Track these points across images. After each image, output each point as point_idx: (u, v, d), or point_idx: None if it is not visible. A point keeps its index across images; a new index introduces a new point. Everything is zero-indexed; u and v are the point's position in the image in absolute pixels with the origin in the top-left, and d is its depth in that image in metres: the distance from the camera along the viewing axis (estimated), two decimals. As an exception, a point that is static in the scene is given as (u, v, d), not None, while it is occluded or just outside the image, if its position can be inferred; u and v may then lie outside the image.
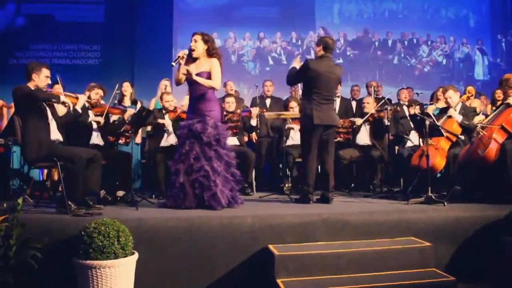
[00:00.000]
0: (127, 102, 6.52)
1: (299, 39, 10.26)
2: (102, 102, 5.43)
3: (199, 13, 9.91)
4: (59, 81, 4.79)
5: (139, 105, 6.42)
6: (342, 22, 10.47)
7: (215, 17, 9.99)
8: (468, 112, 5.54)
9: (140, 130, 6.10)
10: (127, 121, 5.35)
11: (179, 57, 4.55)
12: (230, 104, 6.26)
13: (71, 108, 4.56)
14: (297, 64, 5.14)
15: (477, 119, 5.49)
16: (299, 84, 5.94)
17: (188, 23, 9.84)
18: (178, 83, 4.71)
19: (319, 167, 5.27)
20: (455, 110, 5.45)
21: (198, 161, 4.49)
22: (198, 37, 4.67)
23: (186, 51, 4.61)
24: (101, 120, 5.22)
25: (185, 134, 4.57)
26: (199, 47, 4.66)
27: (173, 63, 4.54)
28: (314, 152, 4.95)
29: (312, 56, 8.11)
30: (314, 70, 4.87)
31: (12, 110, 6.24)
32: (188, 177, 4.49)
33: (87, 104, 5.13)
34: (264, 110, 6.59)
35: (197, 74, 4.61)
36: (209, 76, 4.64)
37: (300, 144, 5.35)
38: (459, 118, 5.37)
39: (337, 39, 10.32)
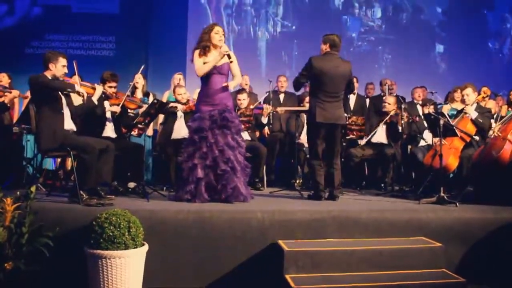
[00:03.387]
0: (139, 94, 6.50)
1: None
2: (118, 93, 5.42)
3: (214, 6, 9.90)
4: (75, 67, 4.78)
5: (151, 98, 6.43)
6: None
7: (229, 11, 9.99)
8: (483, 113, 5.47)
9: (152, 123, 6.10)
10: (140, 114, 5.37)
11: (227, 51, 4.57)
12: (242, 102, 6.24)
13: (85, 98, 4.56)
14: None
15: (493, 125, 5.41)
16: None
17: (203, 17, 9.86)
18: (201, 74, 4.66)
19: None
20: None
21: (223, 153, 4.49)
22: (222, 31, 4.70)
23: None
24: (118, 109, 5.21)
25: (208, 125, 4.52)
26: (223, 40, 4.71)
27: (230, 59, 4.59)
28: (320, 151, 4.94)
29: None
30: (318, 68, 4.83)
31: (26, 100, 6.30)
32: (209, 170, 4.48)
33: (103, 95, 5.14)
34: (277, 110, 6.54)
35: (220, 66, 4.63)
36: (229, 67, 4.68)
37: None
38: (474, 114, 5.32)
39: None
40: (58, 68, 4.37)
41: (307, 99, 6.47)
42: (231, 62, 4.62)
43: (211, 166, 4.50)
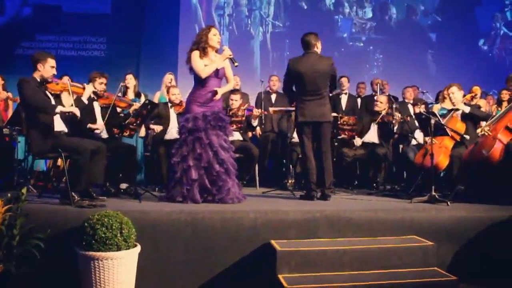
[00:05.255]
0: (130, 94, 6.49)
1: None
2: (107, 93, 5.39)
3: (205, 7, 9.91)
4: (68, 83, 4.77)
5: (142, 98, 6.42)
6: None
7: (221, 11, 10.01)
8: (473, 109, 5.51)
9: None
10: (131, 114, 5.34)
11: (231, 55, 4.60)
12: (233, 102, 6.24)
13: (73, 112, 4.44)
14: None
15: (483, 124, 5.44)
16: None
17: (194, 18, 9.85)
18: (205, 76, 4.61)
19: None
20: (459, 109, 5.43)
21: (218, 154, 4.48)
22: (219, 33, 4.71)
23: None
24: (100, 127, 5.16)
25: (202, 126, 4.50)
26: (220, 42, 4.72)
27: (235, 63, 4.62)
28: (310, 149, 4.95)
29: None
30: (295, 69, 4.88)
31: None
32: (203, 172, 4.47)
33: (92, 95, 5.11)
34: (266, 112, 6.55)
35: (218, 69, 4.63)
36: (223, 71, 4.71)
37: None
38: (467, 108, 5.36)
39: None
40: (47, 69, 4.33)
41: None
42: (236, 66, 4.62)
43: (205, 167, 4.49)
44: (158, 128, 5.90)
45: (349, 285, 3.38)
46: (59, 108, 4.27)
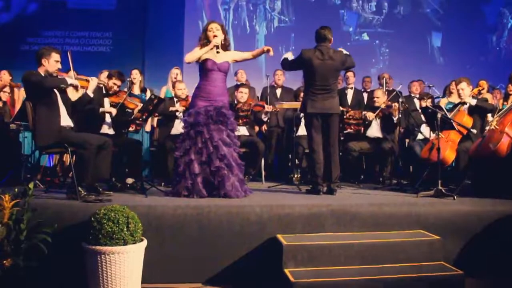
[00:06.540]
0: (136, 90, 6.50)
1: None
2: (120, 92, 5.37)
3: (210, 2, 9.89)
4: (69, 58, 4.77)
5: (148, 93, 6.42)
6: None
7: (226, 6, 9.98)
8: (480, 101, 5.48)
9: (149, 118, 6.09)
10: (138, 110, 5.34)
11: (217, 43, 4.61)
12: (243, 95, 6.24)
13: (78, 89, 4.52)
14: (289, 56, 5.17)
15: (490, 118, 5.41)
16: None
17: (199, 12, 9.83)
18: (188, 60, 4.69)
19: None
20: (467, 103, 5.40)
21: (218, 149, 4.48)
22: (219, 26, 4.71)
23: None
24: (114, 111, 5.19)
25: (204, 120, 4.51)
26: (220, 36, 4.69)
27: (217, 50, 4.63)
28: (318, 143, 4.94)
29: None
30: (308, 60, 4.88)
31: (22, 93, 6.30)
32: (206, 166, 4.48)
33: (104, 91, 5.11)
34: (277, 108, 6.53)
35: (220, 63, 4.64)
36: (229, 66, 4.75)
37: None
38: (474, 101, 5.33)
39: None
40: (51, 63, 4.35)
41: (302, 94, 6.49)
42: (218, 53, 4.62)
43: (206, 162, 4.50)
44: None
45: (355, 279, 3.39)
46: (70, 80, 4.38)
